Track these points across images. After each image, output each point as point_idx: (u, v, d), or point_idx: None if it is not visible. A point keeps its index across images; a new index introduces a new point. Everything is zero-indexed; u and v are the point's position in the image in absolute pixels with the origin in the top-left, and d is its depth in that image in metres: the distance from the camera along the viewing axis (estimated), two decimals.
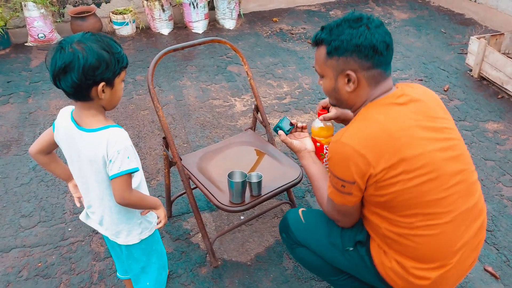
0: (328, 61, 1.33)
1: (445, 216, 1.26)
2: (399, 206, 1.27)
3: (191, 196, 1.93)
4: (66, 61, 1.18)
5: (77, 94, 1.24)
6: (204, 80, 3.63)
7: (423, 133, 1.25)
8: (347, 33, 1.27)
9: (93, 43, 1.21)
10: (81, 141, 1.30)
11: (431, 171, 1.23)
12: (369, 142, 1.23)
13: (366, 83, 1.31)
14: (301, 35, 4.43)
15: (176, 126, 3.04)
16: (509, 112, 3.05)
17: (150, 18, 4.52)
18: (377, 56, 1.26)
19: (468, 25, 4.45)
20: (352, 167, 1.24)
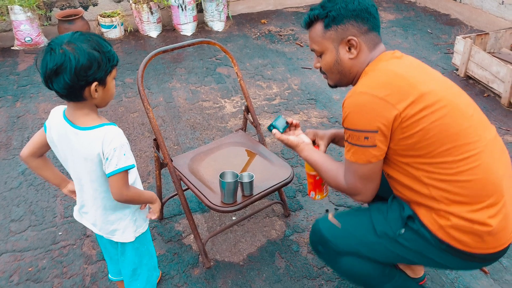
0: (326, 34, 1.38)
1: (476, 145, 1.25)
2: (430, 145, 1.24)
3: (182, 198, 1.93)
4: (58, 63, 1.18)
5: (70, 95, 1.24)
6: (193, 82, 3.64)
7: (426, 76, 1.32)
8: (340, 1, 1.34)
9: (83, 43, 1.21)
10: (76, 140, 1.29)
11: (447, 104, 1.26)
12: (386, 85, 1.26)
13: (365, 47, 1.37)
14: (290, 36, 4.45)
15: (166, 128, 3.04)
16: (494, 110, 3.10)
17: (138, 21, 4.51)
18: (372, 18, 1.35)
19: (454, 25, 4.52)
20: (373, 113, 1.25)
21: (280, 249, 2.08)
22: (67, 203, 2.40)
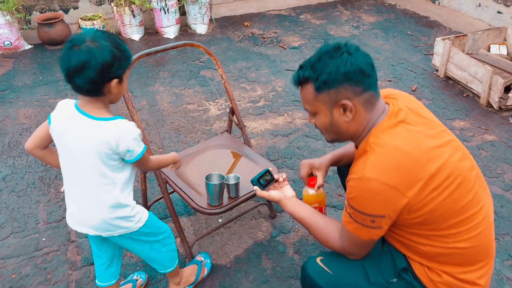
0: (319, 97, 1.28)
1: (479, 214, 1.26)
2: (435, 222, 1.24)
3: (168, 201, 1.92)
4: (83, 59, 1.23)
5: (91, 90, 1.30)
6: (177, 85, 3.62)
7: (434, 142, 1.24)
8: (331, 64, 1.24)
9: (105, 41, 1.27)
10: (90, 129, 1.33)
11: (456, 177, 1.22)
12: (395, 171, 1.18)
13: (362, 109, 1.27)
14: (273, 39, 4.48)
15: (151, 132, 3.02)
16: (474, 110, 3.18)
17: (120, 24, 4.48)
18: (366, 78, 1.24)
19: (433, 27, 4.61)
20: (382, 201, 1.20)
21: (267, 250, 2.09)
22: (50, 209, 2.36)
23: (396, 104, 1.31)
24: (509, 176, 2.53)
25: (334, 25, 4.77)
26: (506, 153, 2.71)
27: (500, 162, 2.64)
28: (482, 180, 1.34)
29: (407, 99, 1.38)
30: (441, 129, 1.32)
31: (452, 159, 1.23)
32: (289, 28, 4.70)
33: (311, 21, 4.88)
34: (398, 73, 3.73)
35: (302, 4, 5.35)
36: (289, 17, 5.03)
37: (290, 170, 2.62)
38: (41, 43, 4.40)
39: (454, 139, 1.33)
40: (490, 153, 2.72)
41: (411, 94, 2.41)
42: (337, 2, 5.41)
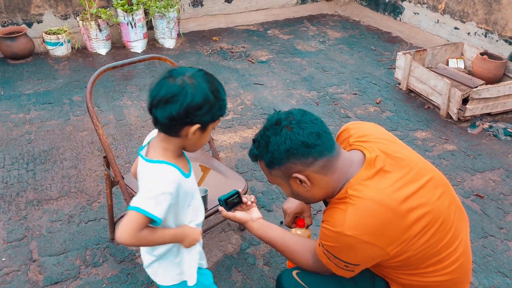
0: (272, 172, 1.28)
1: (458, 249, 1.27)
2: (415, 264, 1.25)
3: None
4: (173, 92, 1.12)
5: (167, 127, 1.18)
6: (145, 99, 3.59)
7: (413, 187, 1.22)
8: (273, 142, 1.21)
9: (204, 82, 1.16)
10: (139, 169, 1.28)
11: (436, 220, 1.21)
12: (375, 228, 1.17)
13: (320, 175, 1.24)
14: (241, 53, 4.53)
15: (118, 146, 2.97)
16: (434, 121, 3.30)
17: (87, 38, 4.42)
18: (312, 149, 1.20)
19: (395, 43, 4.79)
20: (359, 254, 1.20)
21: (237, 263, 2.08)
22: (10, 227, 2.28)
23: (372, 150, 1.28)
24: (469, 183, 2.63)
25: (301, 40, 4.87)
26: (465, 162, 2.83)
27: (459, 171, 2.75)
28: (459, 208, 1.34)
29: (377, 138, 1.35)
30: (419, 167, 1.28)
31: (431, 201, 1.22)
32: (257, 43, 4.77)
33: (279, 36, 4.97)
34: (363, 86, 3.84)
35: (269, 19, 5.45)
36: (257, 32, 5.11)
37: (259, 182, 2.64)
38: (3, 57, 4.28)
39: (433, 174, 1.30)
40: (450, 162, 2.83)
41: (375, 106, 2.45)
42: (303, 18, 5.54)
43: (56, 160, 2.84)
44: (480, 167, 2.78)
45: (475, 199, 2.51)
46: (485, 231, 2.29)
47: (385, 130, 1.44)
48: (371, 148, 1.29)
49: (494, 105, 3.25)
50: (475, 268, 2.07)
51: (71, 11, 4.57)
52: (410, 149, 1.38)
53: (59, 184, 2.63)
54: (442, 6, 4.58)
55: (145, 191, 1.18)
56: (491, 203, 2.48)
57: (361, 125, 1.44)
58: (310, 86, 3.84)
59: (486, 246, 2.20)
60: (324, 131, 1.24)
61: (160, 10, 4.42)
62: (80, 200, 2.49)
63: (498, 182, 2.65)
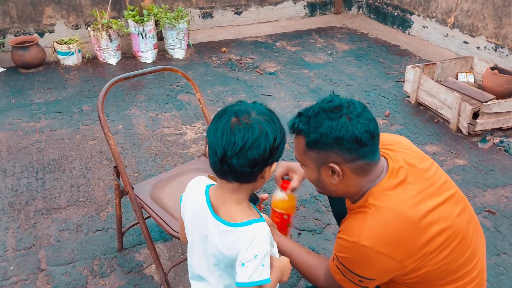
0: (308, 152, 1.22)
1: (475, 268, 1.25)
2: (432, 281, 1.21)
3: (144, 226, 1.88)
4: (253, 137, 1.02)
5: (246, 174, 1.06)
6: (154, 109, 3.61)
7: (435, 201, 1.20)
8: (326, 125, 1.15)
9: (272, 115, 1.09)
10: (218, 235, 1.11)
11: (456, 236, 1.19)
12: (394, 240, 1.13)
13: (353, 174, 1.21)
14: (250, 64, 4.55)
15: (126, 156, 2.98)
16: (444, 135, 3.28)
17: (97, 48, 4.46)
18: (362, 148, 1.16)
19: (404, 56, 4.79)
20: (376, 267, 1.17)
21: None
22: (19, 236, 2.28)
23: (396, 160, 1.25)
24: (480, 199, 2.60)
25: (309, 52, 4.89)
26: (476, 177, 2.80)
27: (471, 186, 2.72)
28: (477, 227, 1.32)
29: (403, 148, 1.32)
30: (441, 182, 1.26)
31: (452, 216, 1.20)
32: (265, 55, 4.79)
33: (287, 48, 4.99)
34: (372, 99, 3.84)
35: (278, 31, 5.48)
36: (265, 43, 5.14)
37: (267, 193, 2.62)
38: (15, 66, 4.33)
39: (455, 191, 1.29)
40: (461, 177, 2.80)
41: (384, 119, 2.44)
42: (311, 30, 5.56)
43: (65, 169, 2.84)
44: (492, 182, 2.75)
45: (487, 215, 2.47)
46: (498, 249, 2.25)
47: (411, 143, 1.42)
48: (395, 158, 1.26)
49: (505, 120, 3.22)
50: (489, 286, 2.03)
51: (82, 22, 4.63)
52: (434, 162, 1.36)
53: (68, 193, 2.63)
54: (452, 20, 4.58)
55: (259, 261, 1.06)
56: (503, 219, 2.45)
57: (388, 135, 1.43)
58: (318, 98, 3.82)
59: (499, 264, 2.16)
60: (377, 134, 1.20)
61: (171, 22, 4.46)
62: (88, 210, 2.49)
63: (511, 198, 2.61)
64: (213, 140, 1.05)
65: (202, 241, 1.17)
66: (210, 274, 1.21)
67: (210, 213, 1.12)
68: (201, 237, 1.17)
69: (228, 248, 1.10)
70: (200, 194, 1.17)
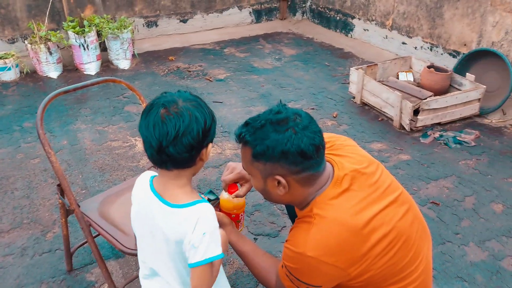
0: (254, 163, 1.23)
1: (419, 267, 1.29)
2: (376, 283, 1.25)
3: (93, 245, 1.81)
4: (185, 124, 1.06)
5: (185, 160, 1.10)
6: (100, 122, 3.49)
7: (378, 207, 1.22)
8: (272, 138, 1.16)
9: (199, 100, 1.13)
10: (163, 218, 1.14)
11: (399, 239, 1.22)
12: (337, 249, 1.16)
13: (298, 185, 1.23)
14: (199, 72, 4.52)
15: (72, 172, 2.86)
16: (389, 132, 3.42)
17: (36, 62, 4.26)
18: (307, 161, 1.18)
19: (347, 58, 4.95)
20: (321, 275, 1.20)
21: None
22: None
23: (341, 167, 1.27)
24: (424, 191, 2.73)
25: (257, 57, 4.94)
26: (419, 171, 2.94)
27: (415, 180, 2.85)
28: (421, 224, 1.36)
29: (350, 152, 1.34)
30: (386, 186, 1.29)
31: (395, 220, 1.23)
32: (214, 61, 4.79)
33: (235, 54, 5.01)
34: (319, 101, 3.93)
35: (225, 38, 5.49)
36: (214, 50, 5.13)
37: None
38: None
39: (400, 192, 1.31)
40: (406, 172, 2.93)
41: (332, 120, 2.50)
42: (258, 36, 5.62)
43: (7, 191, 2.69)
44: (434, 175, 2.90)
45: (431, 207, 2.60)
46: (442, 238, 2.37)
47: (357, 145, 1.45)
48: (341, 165, 1.28)
49: (443, 115, 3.41)
50: (435, 275, 2.13)
51: (18, 35, 4.42)
52: (379, 164, 1.39)
53: (11, 215, 2.48)
54: (390, 22, 4.80)
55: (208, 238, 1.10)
56: (446, 209, 2.58)
57: (336, 137, 1.44)
58: (268, 103, 3.88)
59: (444, 252, 2.28)
60: (323, 146, 1.22)
61: (114, 32, 4.36)
62: (33, 231, 2.37)
63: (452, 189, 2.76)
64: (146, 134, 1.08)
65: (150, 230, 1.18)
66: (163, 265, 1.21)
67: (155, 197, 1.15)
68: (149, 227, 1.18)
69: (174, 230, 1.13)
70: (145, 185, 1.20)
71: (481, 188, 2.75)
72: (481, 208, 2.59)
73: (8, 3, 4.28)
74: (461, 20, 4.03)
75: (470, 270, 2.17)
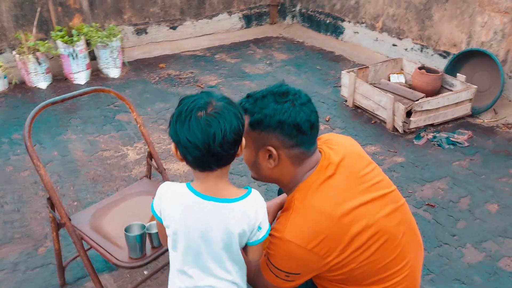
0: (250, 133, 1.25)
1: (402, 270, 1.28)
2: (357, 279, 1.25)
3: (85, 258, 1.77)
4: (227, 122, 1.10)
5: (228, 157, 1.15)
6: (91, 132, 3.45)
7: (360, 200, 1.23)
8: (271, 107, 1.21)
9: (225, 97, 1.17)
10: (224, 216, 1.18)
11: (381, 235, 1.22)
12: (315, 235, 1.17)
13: (288, 161, 1.25)
14: (190, 79, 4.50)
15: (63, 185, 2.81)
16: (382, 135, 3.41)
17: (24, 72, 4.21)
18: (301, 135, 1.21)
19: (339, 61, 4.96)
20: (299, 262, 1.21)
21: None
22: None
23: (328, 157, 1.29)
24: (420, 194, 2.72)
25: (248, 63, 4.92)
26: (414, 173, 2.93)
27: (410, 182, 2.84)
28: (411, 231, 1.34)
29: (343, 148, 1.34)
30: (373, 182, 1.30)
31: (378, 216, 1.23)
32: (205, 68, 4.77)
33: (226, 60, 5.00)
34: None
35: (216, 44, 5.47)
36: (204, 57, 5.11)
37: None
38: None
39: (389, 191, 1.32)
40: (401, 174, 2.92)
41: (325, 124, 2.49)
42: (249, 41, 5.61)
43: None
44: (429, 176, 2.89)
45: (427, 209, 2.59)
46: (439, 240, 2.36)
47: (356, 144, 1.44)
48: (329, 154, 1.30)
49: (436, 116, 3.42)
50: (434, 277, 2.12)
51: (6, 45, 4.35)
52: (372, 163, 1.39)
53: (1, 230, 2.43)
54: (380, 24, 4.82)
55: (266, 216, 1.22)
56: (442, 211, 2.57)
57: (337, 137, 1.45)
58: None
59: (441, 254, 2.26)
60: (317, 126, 1.26)
61: (103, 40, 4.32)
62: (25, 246, 2.32)
63: (446, 190, 2.76)
64: (191, 139, 1.09)
65: (199, 236, 1.20)
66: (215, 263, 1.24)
67: (208, 201, 1.18)
68: (198, 233, 1.20)
69: (239, 223, 1.18)
70: (186, 194, 1.20)
71: (476, 189, 2.75)
72: (476, 208, 2.59)
73: None
74: (450, 21, 4.05)
75: (468, 271, 2.15)
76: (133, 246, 1.62)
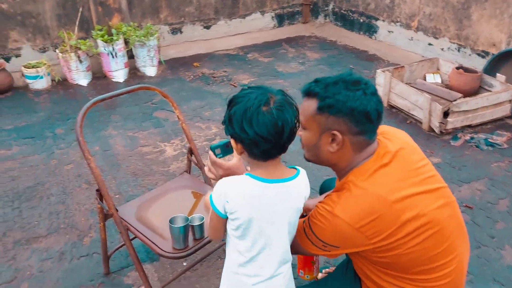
0: (316, 116, 1.27)
1: (451, 263, 1.28)
2: (403, 266, 1.25)
3: (131, 248, 1.86)
4: (291, 113, 1.20)
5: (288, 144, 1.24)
6: (130, 128, 3.57)
7: (413, 190, 1.24)
8: (344, 94, 1.23)
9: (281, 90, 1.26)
10: (288, 193, 1.27)
11: (432, 226, 1.23)
12: (366, 216, 1.19)
13: (350, 147, 1.28)
14: (224, 78, 4.57)
15: (106, 178, 2.93)
16: (418, 135, 3.37)
17: (66, 70, 4.39)
18: (368, 123, 1.25)
19: (373, 61, 4.92)
20: (342, 238, 1.23)
21: None
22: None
23: (385, 146, 1.31)
24: (457, 195, 2.69)
25: (281, 62, 4.95)
26: (451, 174, 2.89)
27: (447, 183, 2.75)
28: (460, 226, 1.35)
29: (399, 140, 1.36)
30: (427, 175, 1.31)
31: (430, 208, 1.24)
32: (238, 67, 4.83)
33: (259, 60, 5.04)
34: None
35: (248, 43, 5.53)
36: (238, 56, 5.18)
37: None
38: None
39: (441, 186, 1.33)
40: None
41: None
42: (282, 40, 5.64)
43: (43, 196, 2.77)
44: (466, 177, 2.85)
45: (464, 210, 2.56)
46: (477, 241, 2.33)
47: (412, 140, 1.46)
48: (385, 144, 1.32)
49: (474, 117, 3.35)
50: (472, 279, 2.09)
51: (49, 44, 4.54)
52: (426, 158, 1.40)
53: (47, 221, 2.56)
54: (415, 24, 4.75)
55: None
56: (480, 212, 2.54)
57: (391, 129, 1.47)
58: None
59: (480, 256, 2.23)
60: (382, 116, 1.29)
61: (140, 39, 4.45)
62: (70, 236, 2.43)
63: (485, 191, 2.71)
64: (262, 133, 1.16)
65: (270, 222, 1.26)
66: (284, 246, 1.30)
67: (274, 183, 1.24)
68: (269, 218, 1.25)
69: (300, 196, 1.30)
70: (253, 183, 1.24)
71: None
72: None
73: (39, 13, 4.42)
74: (489, 21, 3.95)
75: (507, 273, 2.12)
76: (177, 237, 1.69)
